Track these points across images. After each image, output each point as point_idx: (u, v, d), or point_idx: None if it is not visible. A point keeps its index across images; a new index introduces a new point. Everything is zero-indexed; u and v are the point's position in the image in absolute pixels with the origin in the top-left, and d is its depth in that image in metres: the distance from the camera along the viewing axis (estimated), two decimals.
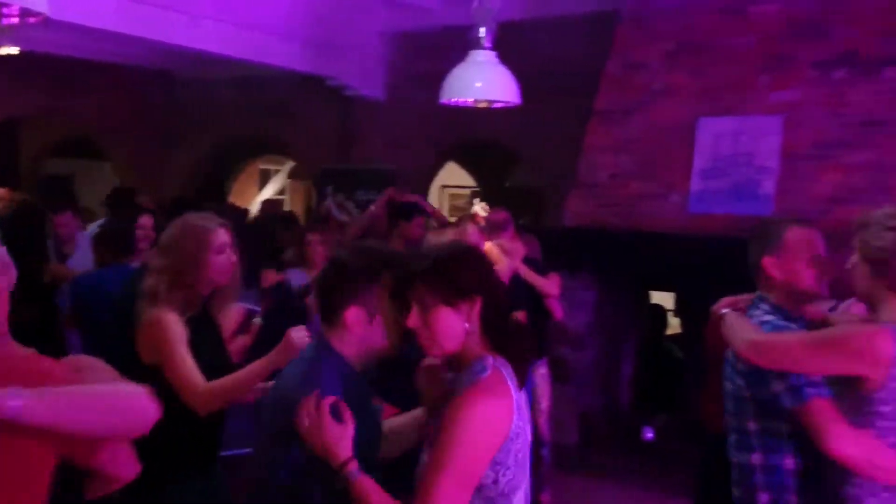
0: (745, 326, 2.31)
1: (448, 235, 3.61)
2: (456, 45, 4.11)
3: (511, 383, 1.71)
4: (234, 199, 10.12)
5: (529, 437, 1.77)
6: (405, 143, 7.72)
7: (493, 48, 3.93)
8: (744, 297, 2.51)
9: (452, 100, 4.03)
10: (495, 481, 1.66)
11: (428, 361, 1.88)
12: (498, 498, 1.68)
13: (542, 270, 4.48)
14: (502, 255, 3.96)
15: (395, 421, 2.06)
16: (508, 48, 4.06)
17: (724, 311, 2.46)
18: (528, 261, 4.39)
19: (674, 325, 6.54)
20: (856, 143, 4.78)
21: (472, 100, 4.10)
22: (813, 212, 4.50)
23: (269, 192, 11.63)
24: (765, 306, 2.36)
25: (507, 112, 5.48)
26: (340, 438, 1.72)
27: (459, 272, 1.72)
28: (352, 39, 7.51)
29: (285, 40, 6.99)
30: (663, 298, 6.57)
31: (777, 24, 5.18)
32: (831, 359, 2.10)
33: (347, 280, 1.91)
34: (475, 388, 1.67)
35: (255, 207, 10.19)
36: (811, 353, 2.12)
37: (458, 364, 1.75)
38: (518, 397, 1.72)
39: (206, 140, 9.55)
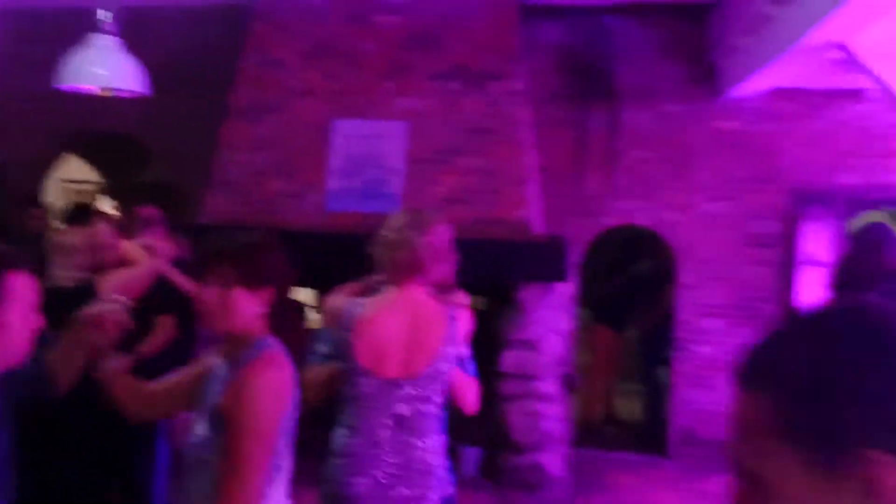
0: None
1: (77, 235, 3.31)
2: (76, 29, 3.78)
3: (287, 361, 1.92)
4: None
5: None
6: (16, 133, 6.87)
7: (117, 34, 3.68)
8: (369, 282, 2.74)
9: (69, 85, 3.69)
10: (279, 446, 1.87)
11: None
12: (281, 462, 1.89)
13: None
14: (143, 254, 3.73)
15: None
16: (136, 36, 3.83)
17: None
18: (179, 262, 4.19)
19: (315, 320, 6.69)
20: (469, 149, 5.34)
21: (95, 87, 3.80)
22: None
23: None
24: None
25: (137, 103, 5.15)
26: None
27: (265, 260, 1.92)
28: None
29: None
30: (304, 295, 6.71)
31: (399, 35, 5.57)
32: None
33: None
34: (261, 359, 1.86)
35: None
36: None
37: (236, 342, 1.92)
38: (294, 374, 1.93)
39: None
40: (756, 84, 5.30)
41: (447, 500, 2.68)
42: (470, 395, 2.70)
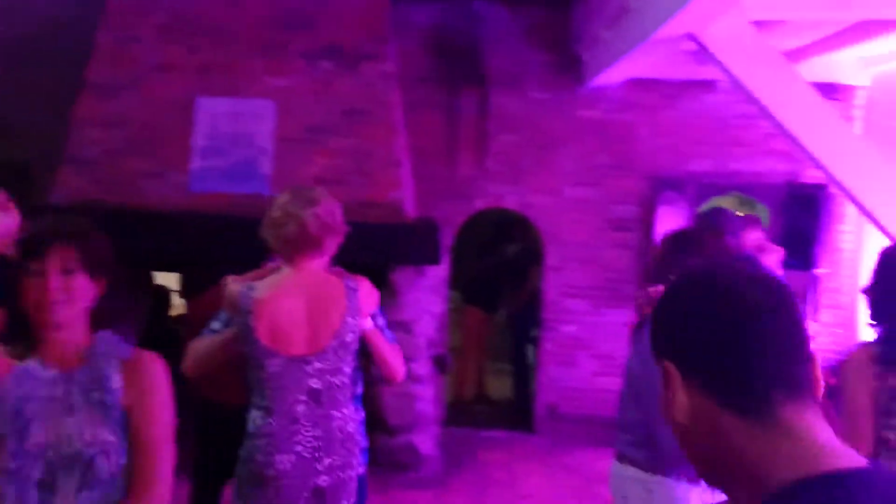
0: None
1: None
2: None
3: None
4: None
5: None
6: None
7: None
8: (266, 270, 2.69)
9: None
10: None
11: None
12: None
13: None
14: None
15: None
16: None
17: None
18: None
19: (180, 305, 6.47)
20: (341, 129, 5.29)
21: None
22: None
23: None
24: None
25: None
26: None
27: (106, 249, 1.81)
28: None
29: None
30: (169, 279, 6.46)
31: (270, 12, 5.43)
32: None
33: None
34: (142, 352, 1.82)
35: None
36: None
37: (69, 336, 1.78)
38: None
39: None
40: (616, 74, 5.52)
41: (360, 478, 2.70)
42: (394, 361, 2.75)
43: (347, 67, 5.37)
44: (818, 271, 5.91)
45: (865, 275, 6.09)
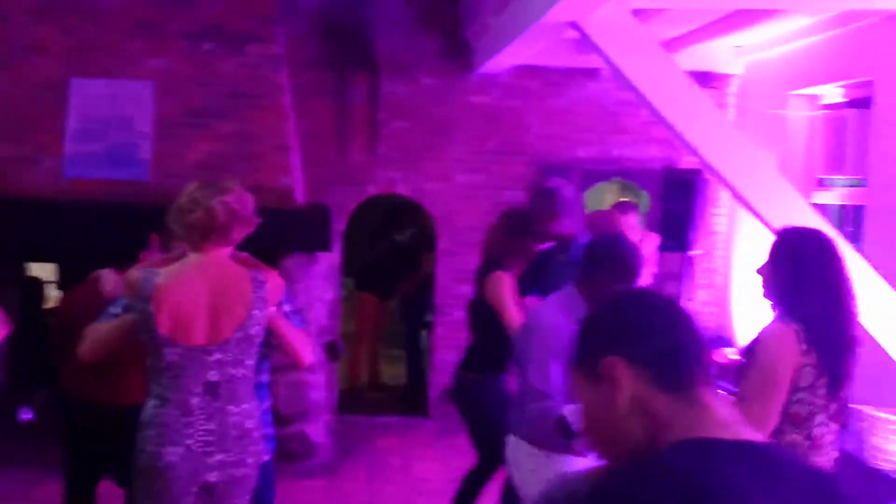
0: None
1: None
2: None
3: None
4: None
5: None
6: None
7: None
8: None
9: None
10: None
11: None
12: None
13: None
14: None
15: None
16: None
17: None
18: None
19: (55, 297, 6.17)
20: (226, 113, 5.14)
21: None
22: (188, 177, 4.70)
23: None
24: None
25: None
26: None
27: None
28: None
29: None
30: (45, 270, 6.15)
31: None
32: None
33: None
34: None
35: None
36: None
37: None
38: None
39: None
40: (504, 60, 5.59)
41: (263, 466, 2.66)
42: (302, 347, 2.74)
43: (231, 49, 5.22)
44: (694, 252, 6.19)
45: (738, 256, 6.42)
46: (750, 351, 2.47)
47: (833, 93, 5.34)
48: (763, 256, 2.61)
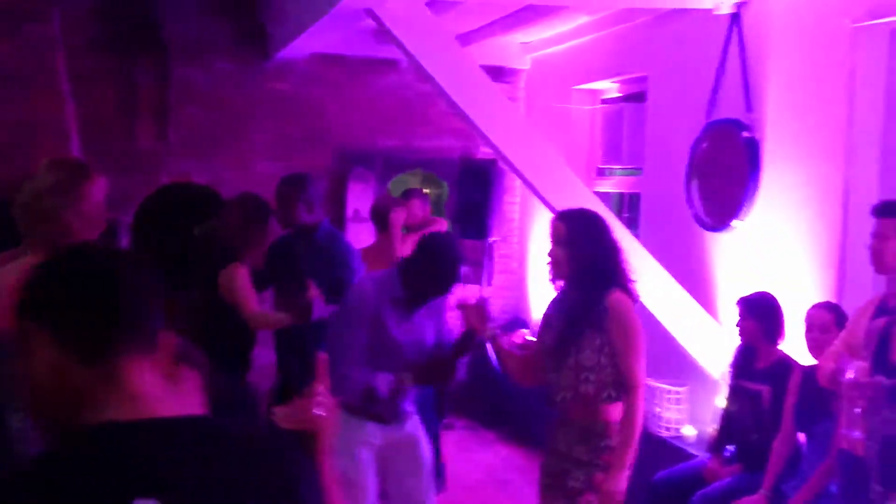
0: None
1: None
2: None
3: None
4: None
5: None
6: None
7: None
8: None
9: None
10: None
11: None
12: None
13: None
14: None
15: None
16: None
17: None
18: None
19: None
20: (2, 99, 4.72)
21: None
22: None
23: None
24: None
25: None
26: None
27: None
28: None
29: None
30: None
31: None
32: None
33: None
34: None
35: None
36: None
37: None
38: None
39: None
40: (302, 48, 5.52)
41: None
42: None
43: (3, 29, 4.78)
44: (491, 240, 6.45)
45: (532, 242, 6.73)
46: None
47: (611, 88, 5.76)
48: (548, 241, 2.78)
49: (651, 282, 4.23)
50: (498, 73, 6.12)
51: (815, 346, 3.23)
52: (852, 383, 2.46)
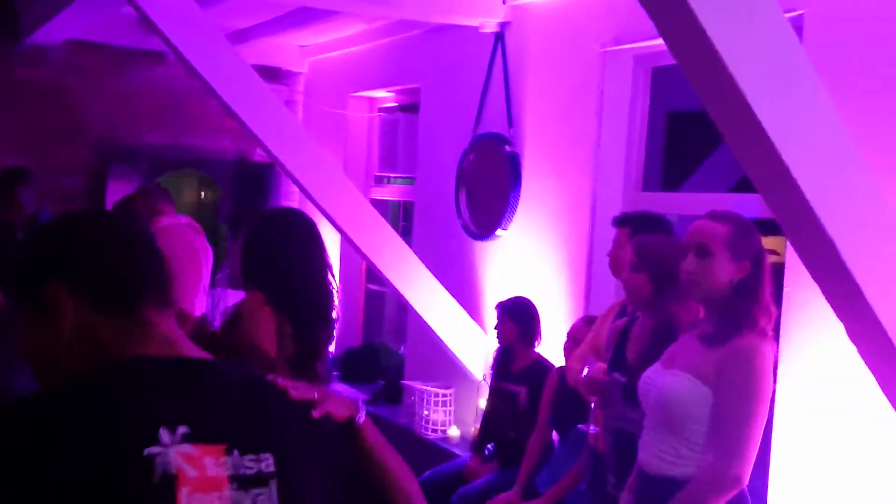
0: None
1: None
2: None
3: None
4: None
5: None
6: None
7: None
8: None
9: None
10: None
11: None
12: None
13: None
14: None
15: None
16: None
17: None
18: None
19: None
20: None
21: None
22: None
23: None
24: None
25: None
26: None
27: None
28: None
29: None
30: None
31: None
32: None
33: None
34: None
35: None
36: None
37: None
38: None
39: None
40: (56, 32, 5.08)
41: None
42: None
43: None
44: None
45: None
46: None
47: (388, 97, 5.84)
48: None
49: (421, 289, 4.33)
50: (274, 75, 6.00)
51: (568, 353, 3.45)
52: (586, 379, 2.65)
